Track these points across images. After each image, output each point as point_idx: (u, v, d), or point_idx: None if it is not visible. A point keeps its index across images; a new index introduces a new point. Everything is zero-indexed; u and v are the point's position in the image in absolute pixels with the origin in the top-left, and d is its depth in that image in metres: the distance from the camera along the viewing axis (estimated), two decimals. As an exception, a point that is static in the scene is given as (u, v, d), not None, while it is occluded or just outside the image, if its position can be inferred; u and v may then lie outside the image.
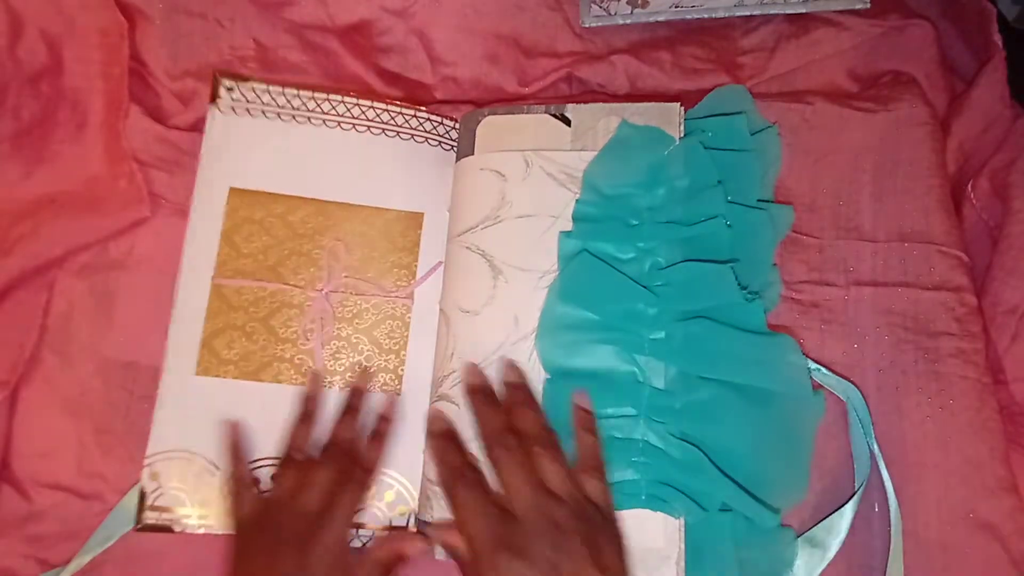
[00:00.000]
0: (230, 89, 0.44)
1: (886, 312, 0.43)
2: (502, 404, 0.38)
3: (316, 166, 0.44)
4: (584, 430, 0.36)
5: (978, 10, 0.48)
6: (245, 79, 0.44)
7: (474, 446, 0.38)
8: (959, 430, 0.40)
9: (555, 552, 0.31)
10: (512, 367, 0.39)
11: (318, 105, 0.44)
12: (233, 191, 0.43)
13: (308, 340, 0.42)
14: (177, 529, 0.39)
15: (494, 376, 0.39)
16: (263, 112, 0.44)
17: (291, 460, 0.38)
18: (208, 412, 0.41)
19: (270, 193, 0.43)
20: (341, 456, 0.38)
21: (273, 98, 0.44)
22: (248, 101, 0.44)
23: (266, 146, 0.44)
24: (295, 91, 0.44)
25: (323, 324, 0.42)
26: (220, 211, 0.43)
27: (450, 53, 0.49)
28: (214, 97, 0.44)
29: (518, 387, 0.38)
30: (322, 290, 0.43)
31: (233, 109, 0.44)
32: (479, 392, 0.38)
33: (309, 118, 0.44)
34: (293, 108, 0.44)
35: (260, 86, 0.44)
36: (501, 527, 0.32)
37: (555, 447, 0.35)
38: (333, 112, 0.44)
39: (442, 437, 0.38)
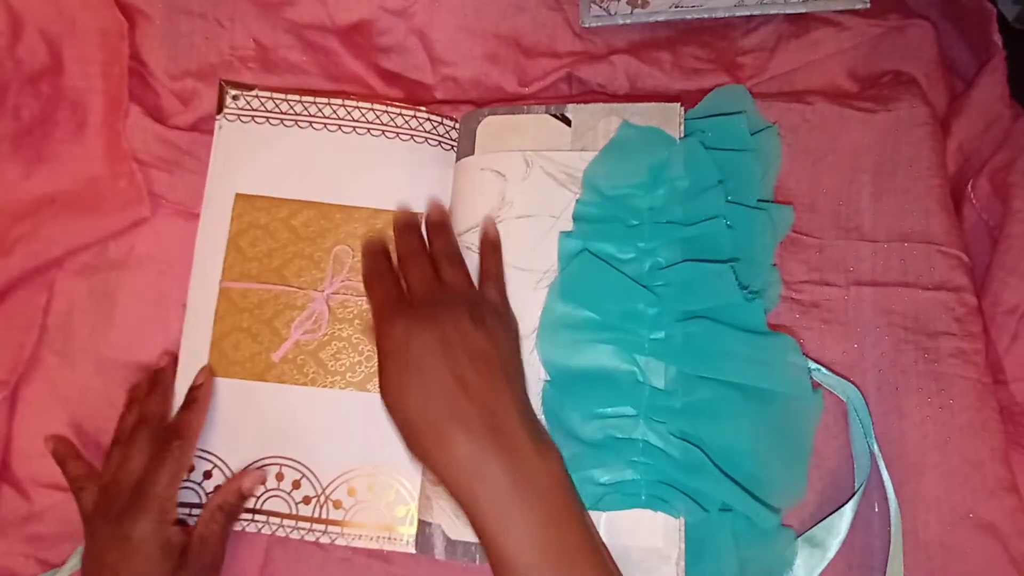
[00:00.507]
0: (235, 98, 0.45)
1: (886, 312, 0.43)
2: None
3: (318, 170, 0.44)
4: (487, 252, 0.40)
5: (978, 10, 0.48)
6: (250, 88, 0.45)
7: None
8: (959, 430, 0.40)
9: (437, 309, 0.35)
10: (437, 205, 0.43)
11: (319, 110, 0.45)
12: (239, 197, 0.44)
13: (310, 342, 0.43)
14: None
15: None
16: (267, 119, 0.44)
17: (114, 443, 0.40)
18: (217, 412, 0.41)
19: (274, 198, 0.44)
20: (151, 430, 0.39)
21: (276, 105, 0.45)
22: (253, 109, 0.45)
23: (270, 152, 0.44)
24: (297, 97, 0.45)
25: (318, 325, 0.43)
26: (227, 217, 0.44)
27: (450, 53, 0.49)
28: (220, 107, 0.44)
29: (436, 211, 0.43)
30: (323, 292, 0.43)
31: (239, 117, 0.44)
32: (403, 222, 0.42)
33: (311, 123, 0.45)
34: (295, 114, 0.45)
35: (264, 94, 0.45)
36: (400, 301, 0.37)
37: (459, 261, 0.40)
38: (334, 116, 0.45)
39: (377, 252, 0.41)
